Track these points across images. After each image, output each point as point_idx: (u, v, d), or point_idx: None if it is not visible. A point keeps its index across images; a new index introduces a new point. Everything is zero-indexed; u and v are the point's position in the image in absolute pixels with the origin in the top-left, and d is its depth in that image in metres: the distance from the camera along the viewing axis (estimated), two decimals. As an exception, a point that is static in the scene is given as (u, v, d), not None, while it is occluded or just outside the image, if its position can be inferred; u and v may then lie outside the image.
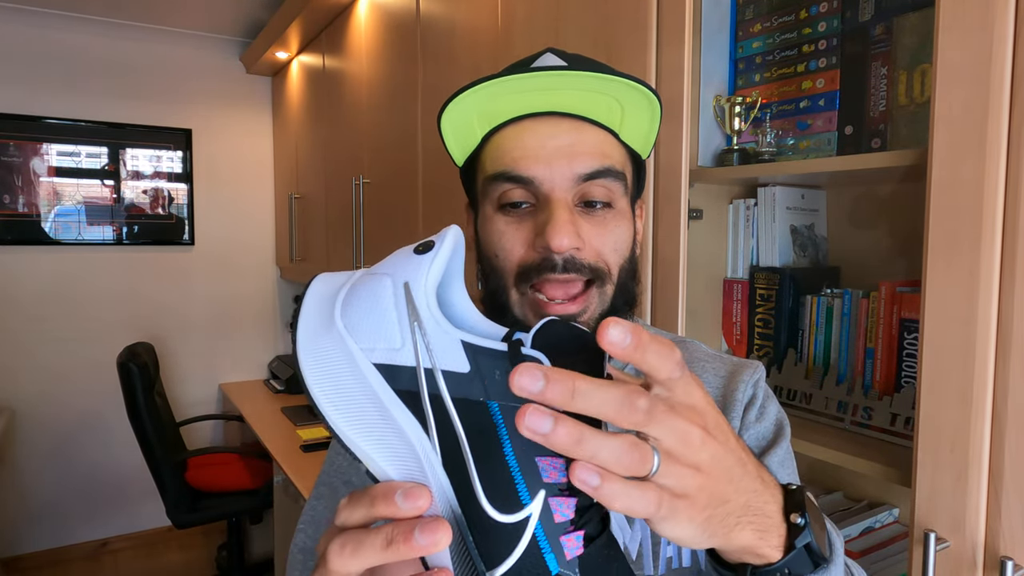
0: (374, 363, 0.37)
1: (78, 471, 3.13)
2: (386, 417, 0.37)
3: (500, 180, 0.58)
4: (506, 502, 0.35)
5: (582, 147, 0.58)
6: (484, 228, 0.61)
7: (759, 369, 0.68)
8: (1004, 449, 0.69)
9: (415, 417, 0.36)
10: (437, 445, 0.36)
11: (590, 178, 0.58)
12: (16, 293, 2.98)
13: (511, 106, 0.58)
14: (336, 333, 0.38)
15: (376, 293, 0.38)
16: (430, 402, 0.36)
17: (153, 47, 3.15)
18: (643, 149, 0.64)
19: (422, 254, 0.39)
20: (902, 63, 0.93)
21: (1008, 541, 0.69)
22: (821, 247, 1.18)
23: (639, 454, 0.33)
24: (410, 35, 1.92)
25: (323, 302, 0.40)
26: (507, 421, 0.36)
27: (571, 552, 0.36)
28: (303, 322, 0.39)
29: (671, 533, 0.35)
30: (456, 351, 0.36)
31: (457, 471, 0.36)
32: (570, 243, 0.56)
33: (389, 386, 0.37)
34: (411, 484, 0.36)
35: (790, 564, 0.40)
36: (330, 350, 0.38)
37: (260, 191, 3.47)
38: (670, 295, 1.07)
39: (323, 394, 0.38)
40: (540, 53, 0.61)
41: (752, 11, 1.13)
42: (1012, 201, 0.67)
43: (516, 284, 0.59)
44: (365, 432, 0.37)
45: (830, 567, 0.42)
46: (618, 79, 0.55)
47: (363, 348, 0.37)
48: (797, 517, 0.41)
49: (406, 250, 0.40)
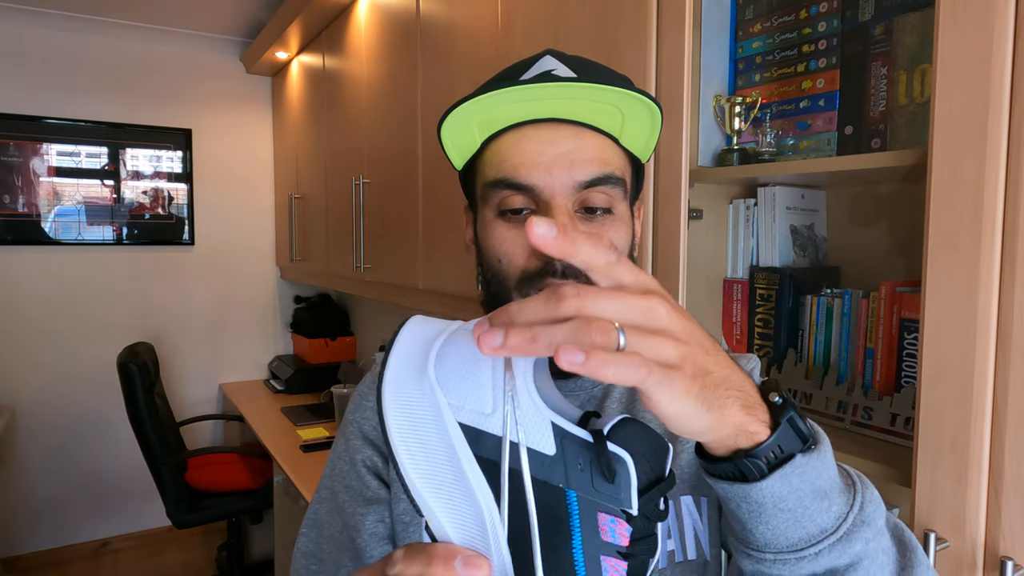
0: (460, 422, 0.37)
1: (78, 471, 3.13)
2: (460, 479, 0.36)
3: (500, 187, 0.59)
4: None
5: (582, 154, 0.58)
6: (484, 232, 0.62)
7: (753, 360, 0.69)
8: (1004, 449, 0.69)
9: (490, 487, 0.36)
10: (506, 520, 0.36)
11: (590, 185, 0.58)
12: (16, 293, 2.98)
13: (511, 113, 0.58)
14: (427, 383, 0.37)
15: (475, 353, 0.37)
16: (509, 476, 0.35)
17: (153, 47, 3.15)
18: (643, 154, 0.64)
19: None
20: (902, 63, 0.93)
21: (1008, 541, 0.69)
22: (821, 247, 1.18)
23: (596, 326, 0.33)
24: (410, 35, 1.92)
25: (416, 348, 0.39)
26: (582, 513, 0.36)
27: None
28: (393, 364, 0.38)
29: (671, 409, 0.35)
30: (545, 431, 0.36)
31: (521, 551, 0.35)
32: None
33: (471, 449, 0.36)
34: (473, 553, 0.35)
35: (780, 440, 0.41)
36: (417, 398, 0.37)
37: (260, 191, 3.47)
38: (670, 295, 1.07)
39: (402, 441, 0.37)
40: (539, 56, 0.61)
41: (752, 11, 1.13)
42: (1012, 201, 0.67)
43: (518, 288, 0.59)
44: (435, 488, 0.37)
45: (820, 447, 0.42)
46: (618, 90, 0.55)
47: (452, 404, 0.37)
48: (775, 396, 0.41)
49: None
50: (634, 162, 0.64)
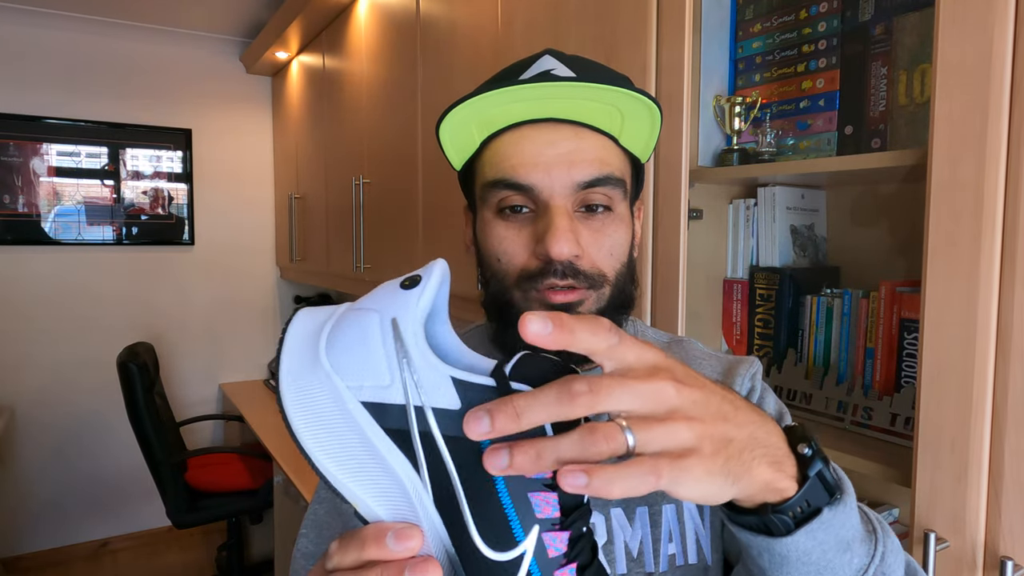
0: (362, 401, 0.36)
1: (78, 471, 3.13)
2: (375, 457, 0.36)
3: (499, 187, 0.59)
4: (500, 539, 0.35)
5: (581, 154, 0.58)
6: (484, 232, 0.62)
7: (755, 364, 0.69)
8: (1004, 449, 0.69)
9: (405, 456, 0.36)
10: (428, 484, 0.36)
11: (589, 186, 0.58)
12: (16, 293, 2.98)
13: (510, 113, 0.58)
14: (322, 371, 0.37)
15: (363, 329, 0.37)
16: (420, 440, 0.35)
17: (153, 47, 3.15)
18: (643, 154, 0.64)
19: (409, 289, 0.38)
20: (902, 63, 0.93)
21: (1008, 541, 0.69)
22: (821, 247, 1.18)
23: (602, 433, 0.32)
24: (410, 35, 1.92)
25: (307, 339, 0.39)
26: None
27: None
28: (285, 360, 0.38)
29: (695, 493, 0.34)
30: (446, 388, 0.36)
31: (450, 510, 0.35)
32: (570, 251, 0.56)
33: (378, 425, 0.36)
34: (402, 525, 0.35)
35: (808, 495, 0.40)
36: (315, 389, 0.37)
37: (260, 191, 3.47)
38: (670, 295, 1.07)
39: (309, 435, 0.37)
40: (539, 55, 0.61)
41: (752, 11, 1.13)
42: (1012, 201, 0.67)
43: (518, 286, 0.59)
44: (353, 473, 0.36)
45: (845, 498, 0.42)
46: (617, 90, 0.55)
47: (350, 386, 0.36)
48: (804, 447, 0.40)
49: (392, 284, 0.39)
50: (634, 162, 0.64)
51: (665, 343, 0.72)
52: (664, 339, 0.73)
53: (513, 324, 0.60)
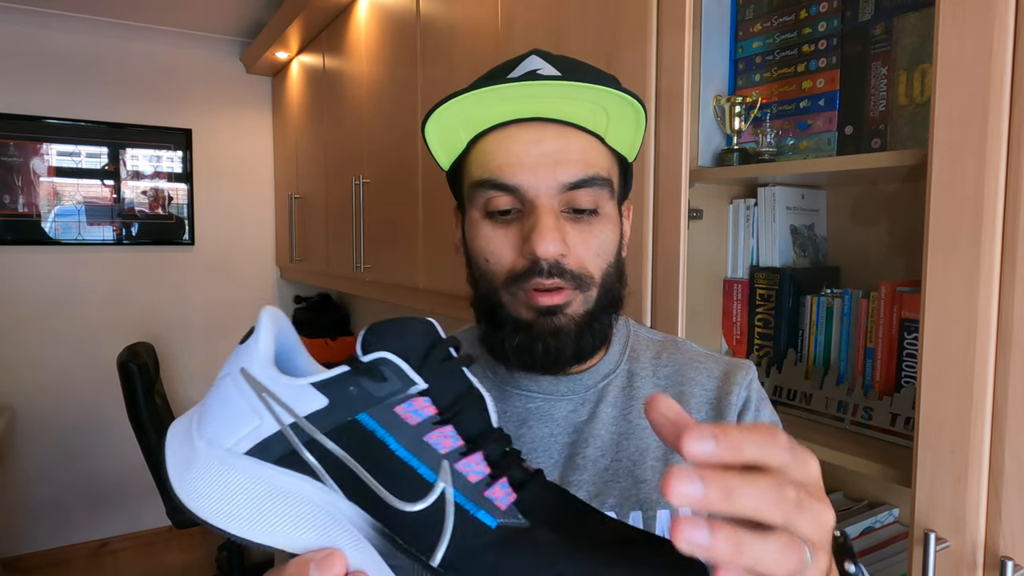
0: (245, 452, 0.37)
1: (78, 471, 3.13)
2: (279, 493, 0.37)
3: (486, 187, 0.59)
4: (414, 490, 0.35)
5: (567, 155, 0.58)
6: (472, 232, 0.62)
7: (752, 370, 0.69)
8: (1004, 449, 0.69)
9: (304, 474, 0.37)
10: (334, 484, 0.36)
11: (575, 187, 0.58)
12: (16, 293, 2.98)
13: (496, 112, 0.58)
14: (201, 452, 0.38)
15: (222, 394, 0.39)
16: (308, 450, 0.36)
17: (153, 47, 3.15)
18: (629, 153, 0.64)
19: (246, 341, 0.40)
20: (902, 63, 0.93)
21: (1008, 541, 0.69)
22: (821, 247, 1.18)
23: (795, 553, 0.30)
24: (410, 35, 1.92)
25: (181, 438, 0.40)
26: (381, 422, 0.36)
27: (503, 501, 0.36)
28: (171, 468, 0.39)
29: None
30: (310, 394, 0.37)
31: (362, 493, 0.36)
32: (556, 250, 0.56)
33: (267, 463, 0.37)
34: (323, 553, 0.35)
35: None
36: (202, 470, 0.37)
37: (260, 191, 3.47)
38: (670, 295, 1.07)
39: (216, 514, 0.37)
40: (525, 55, 0.61)
41: (752, 11, 1.13)
42: (1012, 201, 0.67)
43: (506, 287, 0.59)
44: (271, 525, 0.37)
45: None
46: (601, 89, 0.55)
47: (229, 448, 0.37)
48: (850, 565, 0.40)
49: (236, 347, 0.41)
50: (621, 161, 0.64)
51: (659, 343, 0.72)
52: (658, 338, 0.73)
53: (501, 326, 0.60)
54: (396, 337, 0.38)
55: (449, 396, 0.38)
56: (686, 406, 0.66)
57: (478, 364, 0.70)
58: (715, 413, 0.66)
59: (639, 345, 0.71)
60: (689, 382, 0.67)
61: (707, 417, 0.66)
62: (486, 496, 0.36)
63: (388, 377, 0.37)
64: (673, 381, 0.68)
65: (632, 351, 0.70)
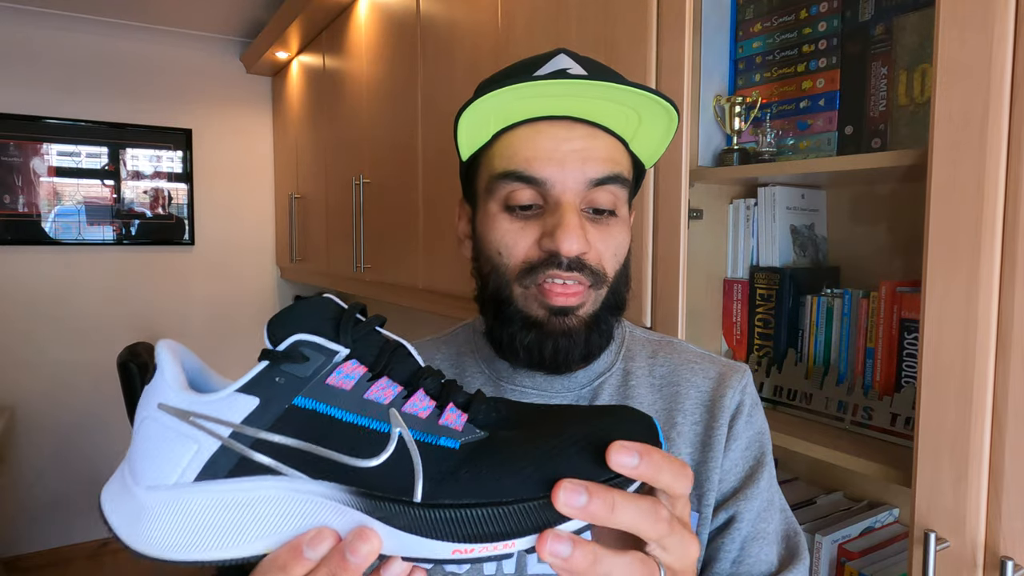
0: (194, 480, 0.37)
1: (78, 471, 3.13)
2: (245, 506, 0.37)
3: (510, 179, 0.59)
4: (373, 446, 0.36)
5: (595, 152, 0.58)
6: (486, 225, 0.61)
7: (747, 374, 0.69)
8: (1004, 449, 0.69)
9: (262, 475, 0.37)
10: (295, 471, 0.36)
11: (600, 183, 0.58)
12: (16, 293, 2.98)
13: (527, 108, 0.58)
14: (147, 501, 0.38)
15: (147, 437, 0.39)
16: (259, 451, 0.37)
17: (153, 47, 3.15)
18: (650, 159, 0.64)
19: (152, 379, 0.40)
20: (902, 63, 0.93)
21: (1008, 541, 0.69)
22: (821, 247, 1.18)
23: (648, 570, 0.35)
24: (410, 35, 1.92)
25: (119, 498, 0.39)
26: (318, 398, 0.37)
27: (458, 423, 0.37)
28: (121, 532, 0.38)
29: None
30: (238, 400, 0.37)
31: (325, 470, 0.36)
32: (579, 248, 0.56)
33: (221, 479, 0.37)
34: (311, 533, 0.36)
35: None
36: (157, 516, 0.37)
37: (260, 191, 3.47)
38: (670, 295, 1.07)
39: (200, 548, 0.37)
40: (553, 53, 0.61)
41: (752, 11, 1.13)
42: (1012, 201, 0.67)
43: (519, 280, 0.59)
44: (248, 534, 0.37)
45: None
46: (636, 91, 0.55)
47: (175, 483, 0.37)
48: None
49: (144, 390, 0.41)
50: (637, 168, 0.64)
51: (656, 342, 0.72)
52: (654, 338, 0.73)
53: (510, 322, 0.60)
54: (301, 319, 0.39)
55: (373, 353, 0.39)
56: (681, 407, 0.66)
57: (472, 359, 0.70)
58: (708, 415, 0.66)
59: (635, 345, 0.71)
60: (684, 383, 0.68)
61: (700, 419, 0.66)
62: (441, 424, 0.37)
63: (309, 356, 0.38)
64: (668, 381, 0.68)
65: (627, 350, 0.70)
